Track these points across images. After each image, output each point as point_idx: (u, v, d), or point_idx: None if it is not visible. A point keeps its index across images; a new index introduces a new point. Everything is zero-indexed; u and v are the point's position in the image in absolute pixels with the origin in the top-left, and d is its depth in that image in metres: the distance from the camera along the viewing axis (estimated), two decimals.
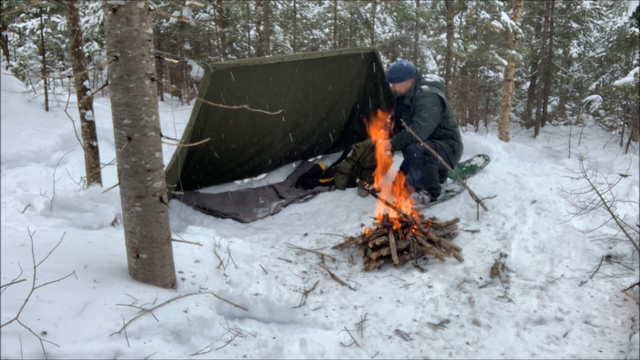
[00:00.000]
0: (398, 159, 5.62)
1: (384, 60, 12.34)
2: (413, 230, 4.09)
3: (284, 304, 3.11)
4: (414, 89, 5.01)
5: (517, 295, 3.40)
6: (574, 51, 12.20)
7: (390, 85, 5.23)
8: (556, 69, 12.09)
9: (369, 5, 11.44)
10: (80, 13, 7.20)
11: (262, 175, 6.23)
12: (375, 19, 12.36)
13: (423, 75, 5.11)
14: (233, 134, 5.27)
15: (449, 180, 5.47)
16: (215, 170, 5.58)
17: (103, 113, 6.21)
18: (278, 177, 6.20)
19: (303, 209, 5.30)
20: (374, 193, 4.70)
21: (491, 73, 13.05)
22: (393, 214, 4.24)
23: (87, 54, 10.65)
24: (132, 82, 2.31)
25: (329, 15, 11.84)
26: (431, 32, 12.62)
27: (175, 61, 2.62)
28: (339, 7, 11.27)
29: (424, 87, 4.96)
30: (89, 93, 4.42)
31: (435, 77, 5.14)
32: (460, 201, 4.99)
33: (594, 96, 9.61)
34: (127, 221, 2.55)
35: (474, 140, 6.60)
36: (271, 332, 2.88)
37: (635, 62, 9.90)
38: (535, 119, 11.72)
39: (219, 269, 3.16)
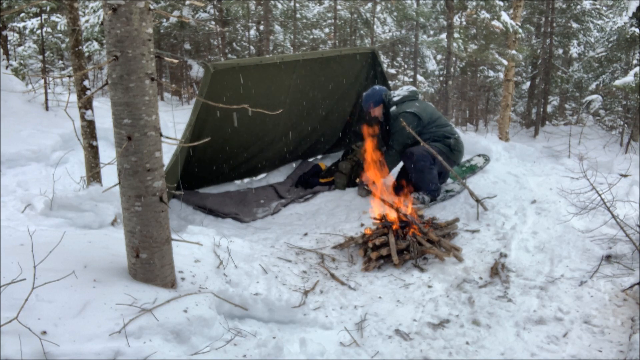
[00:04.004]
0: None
1: (384, 60, 12.34)
2: (413, 230, 4.09)
3: (284, 303, 3.11)
4: (384, 114, 5.27)
5: (517, 295, 3.40)
6: (574, 51, 12.21)
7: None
8: (556, 69, 12.10)
9: (369, 5, 11.44)
10: (80, 12, 7.20)
11: (262, 175, 6.23)
12: (375, 19, 12.37)
13: (391, 95, 5.23)
14: (233, 134, 5.26)
15: (449, 180, 5.47)
16: (215, 170, 5.57)
17: (103, 113, 6.21)
18: (278, 177, 6.20)
19: (303, 208, 5.30)
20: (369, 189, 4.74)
21: (491, 73, 13.06)
22: (393, 214, 4.24)
23: (87, 54, 10.65)
24: (132, 82, 2.31)
25: (329, 15, 11.84)
26: (431, 32, 12.64)
27: (175, 61, 2.62)
28: (339, 7, 11.27)
29: (392, 109, 5.17)
30: (89, 93, 4.42)
31: (403, 91, 5.23)
32: (460, 201, 4.98)
33: (594, 96, 9.61)
34: (127, 221, 2.55)
35: (474, 140, 6.59)
36: (271, 332, 2.88)
37: (635, 62, 9.90)
38: (535, 119, 11.72)
39: (219, 269, 3.16)
